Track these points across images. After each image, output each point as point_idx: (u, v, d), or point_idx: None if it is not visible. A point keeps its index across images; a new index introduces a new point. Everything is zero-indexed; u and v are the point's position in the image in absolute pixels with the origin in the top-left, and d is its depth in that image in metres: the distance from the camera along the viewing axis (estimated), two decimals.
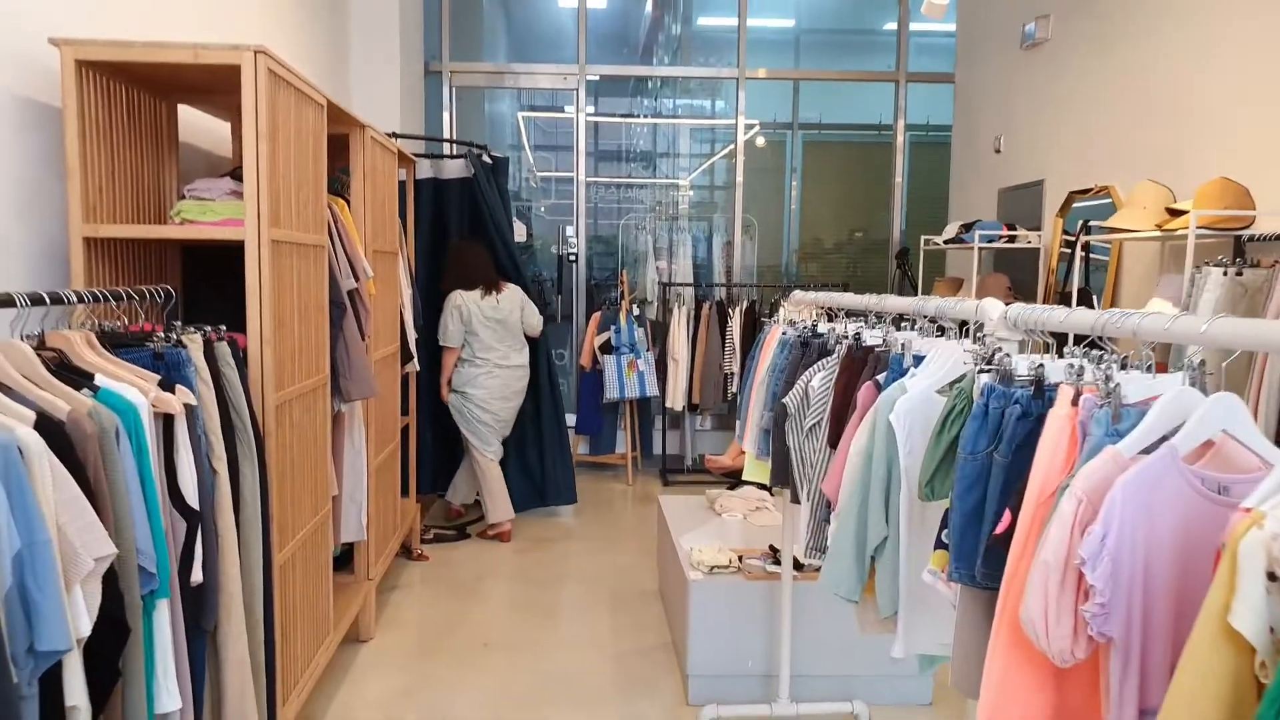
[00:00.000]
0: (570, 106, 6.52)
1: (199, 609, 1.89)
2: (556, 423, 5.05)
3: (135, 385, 1.71)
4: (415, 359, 4.30)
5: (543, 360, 4.99)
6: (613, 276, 6.76)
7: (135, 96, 2.43)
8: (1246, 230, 3.34)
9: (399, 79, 5.44)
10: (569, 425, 5.96)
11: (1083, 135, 4.68)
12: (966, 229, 5.14)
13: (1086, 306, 2.45)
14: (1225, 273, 3.20)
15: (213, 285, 2.67)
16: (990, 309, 1.64)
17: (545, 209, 7.03)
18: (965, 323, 1.80)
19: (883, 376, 1.82)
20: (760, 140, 6.88)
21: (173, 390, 1.82)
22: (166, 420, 1.80)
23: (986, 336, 1.61)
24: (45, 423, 1.45)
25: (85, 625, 1.42)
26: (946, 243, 5.33)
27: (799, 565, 2.91)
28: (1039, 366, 1.35)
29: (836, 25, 7.42)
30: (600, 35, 6.67)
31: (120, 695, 1.60)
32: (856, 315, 2.37)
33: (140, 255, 2.46)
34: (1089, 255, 4.47)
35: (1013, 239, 5.01)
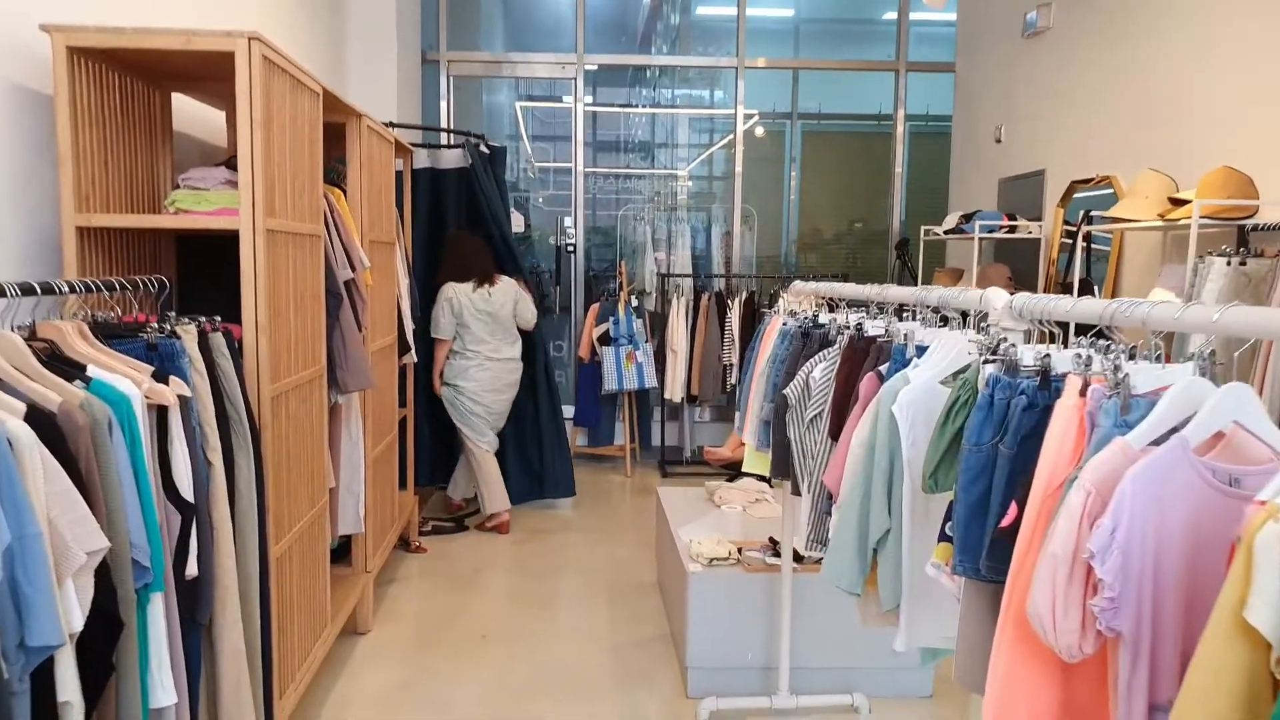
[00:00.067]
0: (568, 96, 6.49)
1: (194, 602, 1.87)
2: (554, 415, 5.03)
3: (128, 376, 1.69)
4: (413, 350, 4.28)
5: (539, 353, 4.96)
6: (611, 267, 6.74)
7: (128, 84, 2.40)
8: (1250, 220, 3.32)
9: (396, 68, 5.40)
10: (568, 417, 5.95)
11: (1084, 125, 4.65)
12: (967, 219, 5.12)
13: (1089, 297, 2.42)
14: (1229, 262, 3.18)
15: (208, 275, 2.64)
16: (995, 298, 1.62)
17: (543, 200, 7.00)
18: (967, 312, 1.78)
19: (885, 367, 1.80)
20: (759, 130, 6.85)
21: (166, 381, 1.80)
22: (160, 412, 1.77)
23: (991, 326, 1.59)
24: (36, 414, 1.42)
25: (77, 620, 1.40)
26: (947, 233, 5.31)
27: (798, 557, 2.89)
28: (1045, 357, 1.33)
29: (836, 14, 7.38)
30: (598, 24, 6.63)
31: (114, 690, 1.58)
32: (858, 306, 2.35)
33: (134, 245, 2.43)
34: (1090, 246, 4.45)
35: (1013, 229, 4.98)
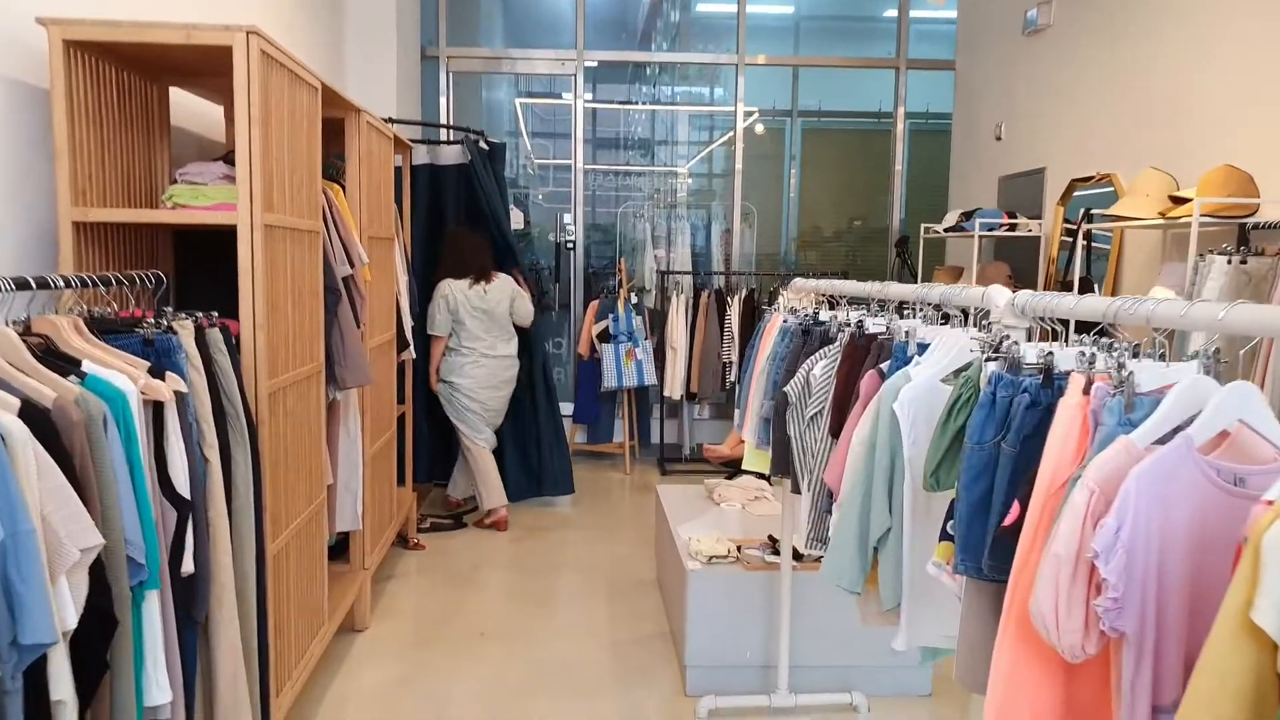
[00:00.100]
0: (568, 93, 6.47)
1: (190, 600, 1.86)
2: (552, 413, 5.01)
3: (124, 372, 1.68)
4: (411, 347, 4.27)
5: (537, 351, 4.94)
6: (611, 264, 6.72)
7: (125, 78, 2.39)
8: (1251, 218, 3.31)
9: (395, 64, 5.38)
10: (567, 414, 5.94)
11: (1084, 123, 4.64)
12: (967, 217, 5.11)
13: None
14: (1229, 261, 3.17)
15: (205, 271, 2.63)
16: (997, 296, 1.61)
17: (543, 196, 6.98)
18: (967, 310, 1.77)
19: (886, 365, 1.79)
20: (759, 127, 6.83)
21: (163, 377, 1.78)
22: (156, 408, 1.76)
23: (993, 324, 1.58)
24: (30, 410, 1.41)
25: (71, 617, 1.39)
26: (946, 231, 5.30)
27: (798, 555, 2.88)
28: (1048, 355, 1.32)
29: (836, 11, 7.37)
30: (598, 21, 6.61)
31: (108, 688, 1.57)
32: (858, 303, 2.34)
33: (131, 240, 2.42)
34: (1090, 244, 4.44)
35: (1013, 227, 4.97)
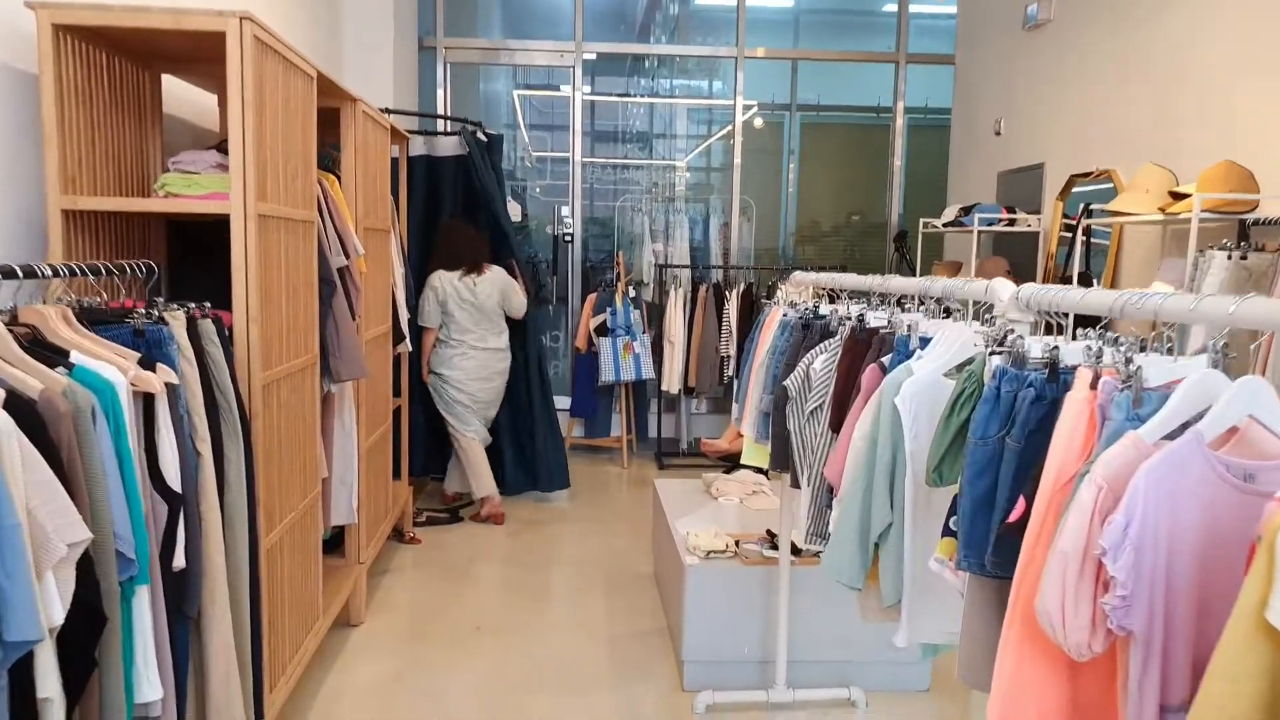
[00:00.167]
0: (566, 85, 6.43)
1: (182, 595, 1.83)
2: (546, 407, 4.98)
3: (114, 363, 1.65)
4: (407, 339, 4.24)
5: (531, 344, 4.91)
6: (608, 258, 6.69)
7: (117, 65, 2.35)
8: (1251, 214, 3.29)
9: (392, 54, 5.34)
10: (564, 408, 5.91)
11: (1084, 118, 4.61)
12: (965, 212, 5.08)
13: None
14: (1230, 256, 3.15)
15: (198, 262, 2.60)
16: (1001, 289, 1.59)
17: (540, 189, 6.95)
18: (966, 303, 1.75)
19: (888, 359, 1.77)
20: (758, 121, 6.80)
21: (153, 369, 1.76)
22: (147, 400, 1.73)
23: (997, 318, 1.56)
24: (15, 401, 1.38)
25: (58, 614, 1.36)
26: (945, 226, 5.28)
27: (796, 550, 2.86)
28: (1054, 349, 1.30)
29: (836, 5, 7.33)
30: (597, 13, 6.58)
31: (97, 685, 1.55)
32: (859, 297, 2.31)
33: (123, 230, 2.39)
34: (1089, 239, 4.42)
35: (1012, 222, 4.95)
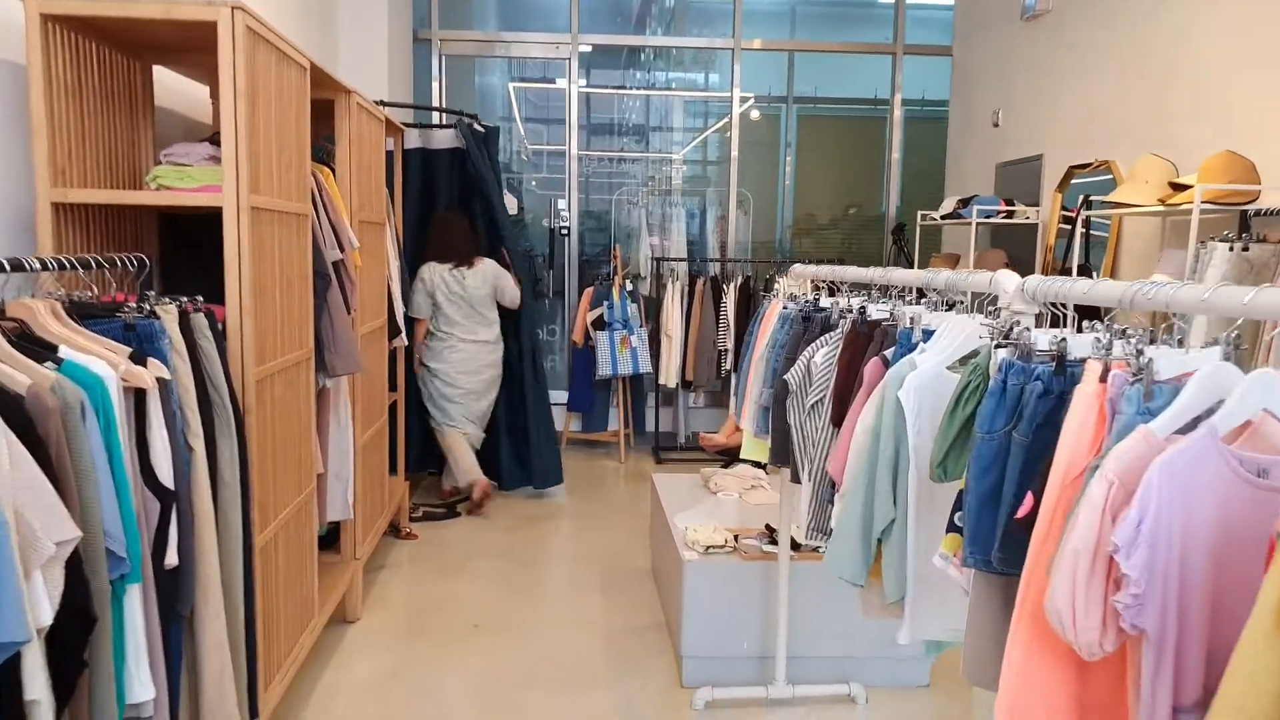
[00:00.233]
0: (562, 78, 6.39)
1: (174, 593, 1.81)
2: (541, 402, 4.96)
3: (104, 358, 1.62)
4: (403, 334, 4.21)
5: (525, 339, 4.88)
6: (605, 251, 6.66)
7: (107, 56, 2.31)
8: (1252, 205, 3.27)
9: (386, 46, 5.29)
10: (561, 402, 5.88)
11: (1083, 109, 4.59)
12: (964, 204, 5.06)
13: None
14: (1231, 248, 3.13)
15: (191, 255, 2.57)
16: (1006, 281, 1.57)
17: (536, 182, 6.91)
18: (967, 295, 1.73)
19: (890, 352, 1.75)
20: (755, 114, 6.77)
21: (145, 363, 1.73)
22: (138, 395, 1.70)
23: (1001, 310, 1.53)
24: (2, 397, 1.36)
25: (46, 614, 1.33)
26: (943, 218, 5.25)
27: (795, 545, 2.84)
28: (1061, 341, 1.28)
29: None
30: (593, 4, 6.53)
31: (87, 685, 1.52)
32: (859, 289, 2.29)
33: (114, 223, 2.36)
34: (1089, 231, 4.40)
35: (1011, 214, 4.93)
